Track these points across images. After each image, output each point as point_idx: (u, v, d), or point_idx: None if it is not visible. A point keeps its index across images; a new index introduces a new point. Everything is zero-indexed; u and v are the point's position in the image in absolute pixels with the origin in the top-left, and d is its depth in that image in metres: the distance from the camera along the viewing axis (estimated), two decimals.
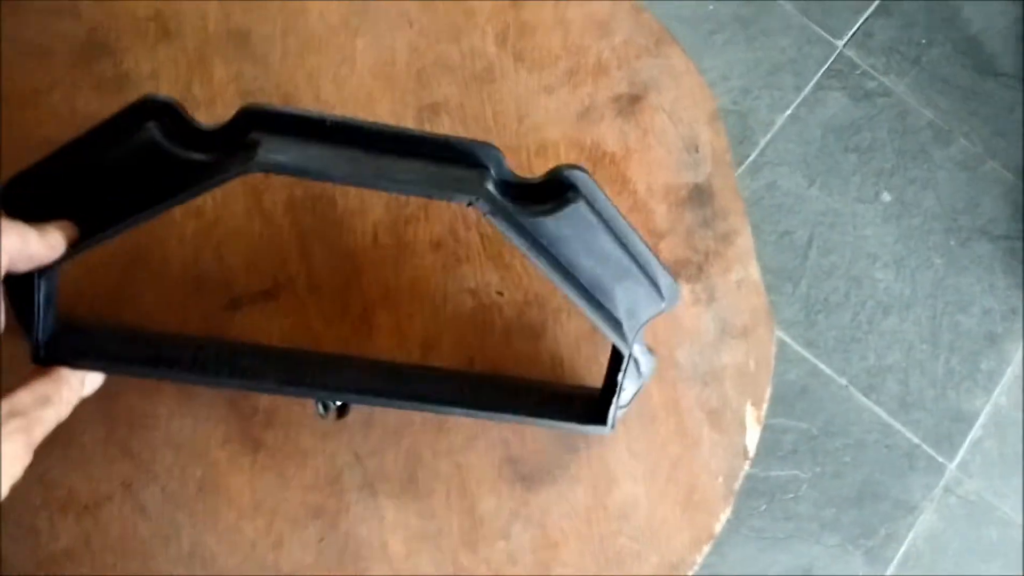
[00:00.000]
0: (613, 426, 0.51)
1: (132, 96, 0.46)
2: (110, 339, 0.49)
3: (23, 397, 0.41)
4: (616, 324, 0.48)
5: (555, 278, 0.45)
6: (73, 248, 0.44)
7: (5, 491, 0.39)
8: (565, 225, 0.45)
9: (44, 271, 0.44)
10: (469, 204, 0.42)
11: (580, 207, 0.44)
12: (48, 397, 0.43)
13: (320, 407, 0.52)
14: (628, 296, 0.48)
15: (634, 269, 0.48)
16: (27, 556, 0.49)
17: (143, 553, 0.50)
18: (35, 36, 0.59)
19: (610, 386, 0.50)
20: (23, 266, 0.42)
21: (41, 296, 0.44)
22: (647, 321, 0.50)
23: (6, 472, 0.39)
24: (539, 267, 0.44)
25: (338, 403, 0.52)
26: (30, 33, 0.59)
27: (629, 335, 0.49)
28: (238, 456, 0.52)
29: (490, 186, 0.43)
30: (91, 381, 0.46)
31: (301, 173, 0.41)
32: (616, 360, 0.50)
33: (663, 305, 0.50)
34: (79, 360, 0.45)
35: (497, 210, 0.43)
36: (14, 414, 0.40)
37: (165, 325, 0.54)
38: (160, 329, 0.53)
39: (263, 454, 0.52)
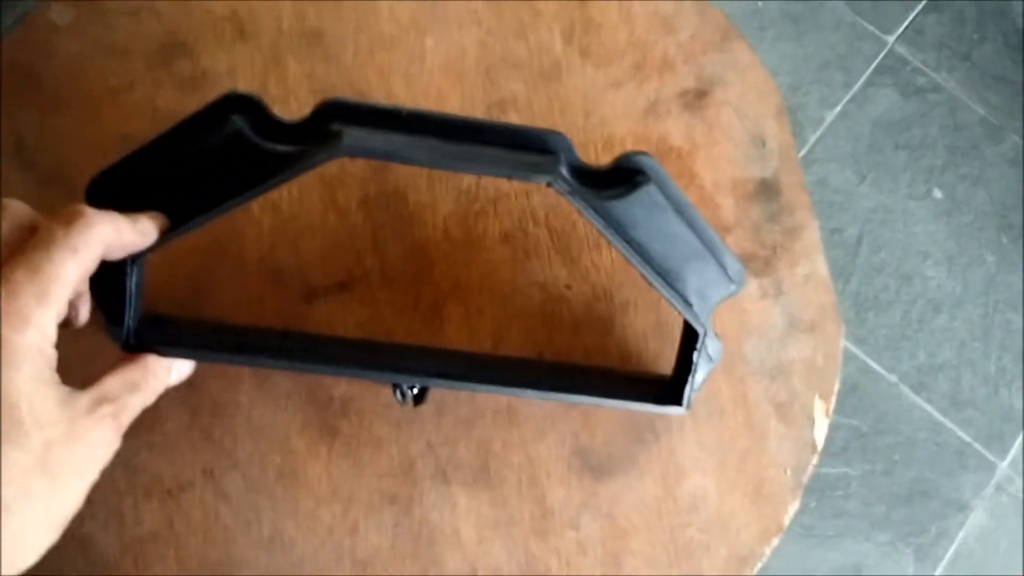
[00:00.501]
0: (689, 406, 0.51)
1: (211, 94, 0.48)
2: (194, 330, 0.50)
3: (111, 383, 0.42)
4: (688, 304, 0.49)
5: (631, 257, 0.46)
6: (164, 236, 0.45)
7: (95, 475, 0.40)
8: (635, 207, 0.46)
9: (135, 259, 0.45)
10: (548, 184, 0.43)
11: (650, 189, 0.46)
12: (136, 383, 0.44)
13: (398, 394, 0.53)
14: (698, 278, 0.49)
15: (703, 251, 0.49)
16: (112, 539, 0.51)
17: (225, 538, 0.51)
18: (115, 37, 0.60)
19: (684, 365, 0.51)
20: (116, 254, 0.44)
21: (132, 284, 0.46)
22: (718, 302, 0.51)
23: (96, 456, 0.40)
24: (615, 245, 0.45)
25: (415, 390, 0.53)
26: (110, 34, 0.60)
27: (701, 315, 0.50)
28: (315, 444, 0.53)
29: (564, 170, 0.44)
30: (177, 370, 0.47)
31: (387, 157, 0.43)
32: (690, 340, 0.50)
33: (732, 287, 0.51)
34: (167, 348, 0.47)
35: (574, 190, 0.44)
36: (103, 400, 0.41)
37: (243, 317, 0.55)
38: (239, 321, 0.54)
39: (339, 442, 0.53)
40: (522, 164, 0.44)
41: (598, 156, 0.61)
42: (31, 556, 0.37)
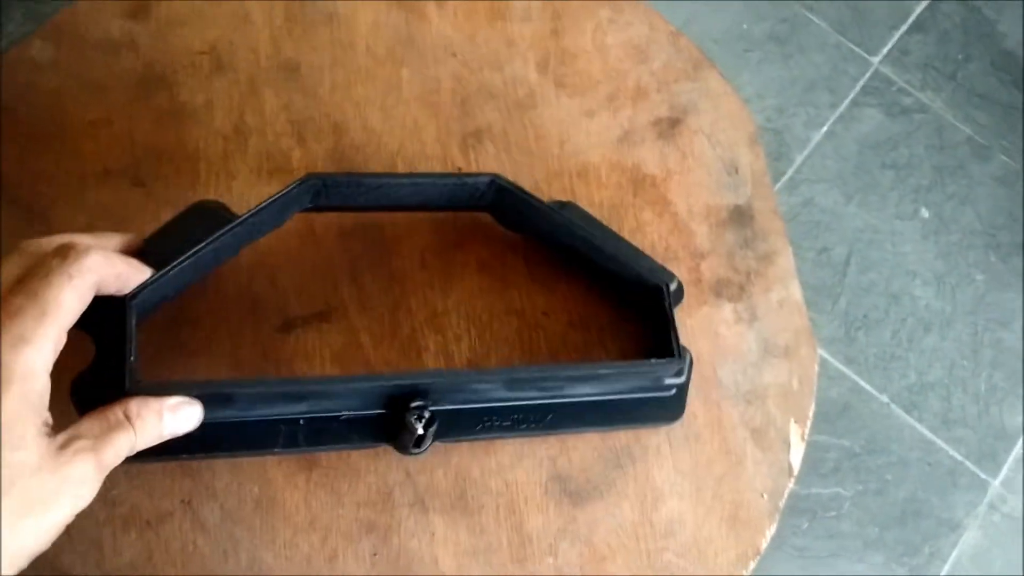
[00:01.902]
0: (679, 354, 0.54)
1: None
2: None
3: (89, 421, 0.42)
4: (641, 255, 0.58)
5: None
6: (155, 274, 0.47)
7: (67, 512, 0.39)
8: (569, 215, 0.57)
9: (133, 296, 0.46)
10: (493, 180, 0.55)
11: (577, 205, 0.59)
12: (118, 422, 0.43)
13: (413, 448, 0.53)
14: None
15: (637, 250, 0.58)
16: (92, 569, 0.51)
17: (203, 567, 0.51)
18: (94, 72, 0.61)
19: (663, 323, 0.55)
20: (111, 286, 0.44)
21: (132, 322, 0.47)
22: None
23: (70, 492, 0.39)
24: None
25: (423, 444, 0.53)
26: (89, 69, 0.61)
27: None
28: (293, 474, 0.53)
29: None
30: (185, 417, 0.46)
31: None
32: (656, 305, 0.56)
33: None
34: (166, 390, 0.47)
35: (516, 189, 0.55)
36: (80, 435, 0.41)
37: (222, 345, 0.55)
38: (227, 373, 0.55)
39: (317, 472, 0.53)
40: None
41: (573, 184, 0.62)
42: None
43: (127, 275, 0.45)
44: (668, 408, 0.56)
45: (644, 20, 0.68)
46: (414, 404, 0.51)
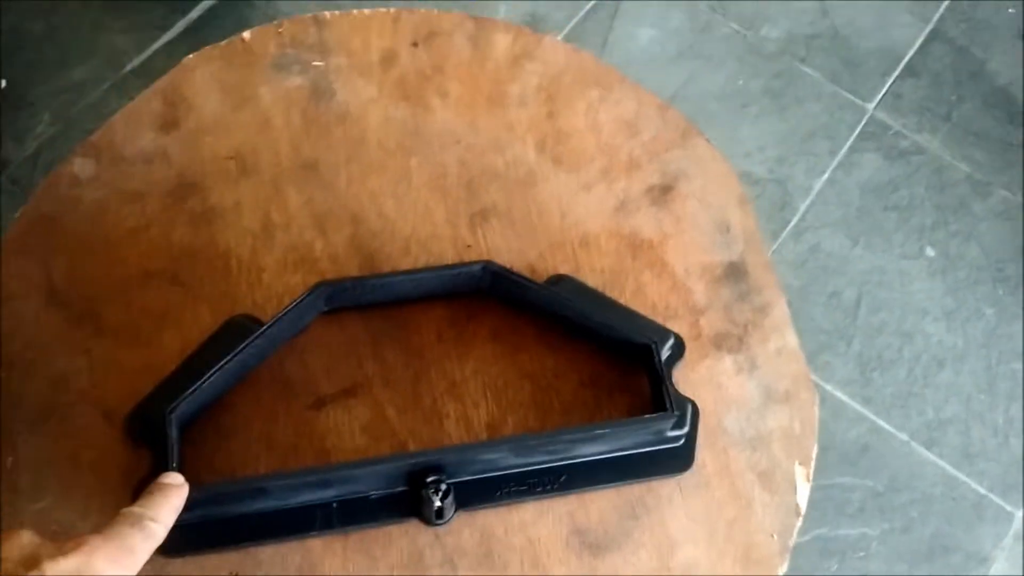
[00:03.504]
0: (672, 408, 0.58)
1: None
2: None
3: None
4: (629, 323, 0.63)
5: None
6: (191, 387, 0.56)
7: None
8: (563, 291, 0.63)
9: (172, 410, 0.55)
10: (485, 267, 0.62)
11: (573, 279, 0.65)
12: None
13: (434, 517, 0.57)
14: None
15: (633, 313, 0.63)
16: None
17: None
18: (132, 183, 0.67)
19: (657, 380, 0.59)
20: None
21: (172, 433, 0.55)
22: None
23: None
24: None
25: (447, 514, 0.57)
26: (127, 181, 0.67)
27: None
28: (330, 541, 0.57)
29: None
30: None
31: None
32: (648, 364, 0.60)
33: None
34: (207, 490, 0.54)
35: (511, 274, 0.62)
36: None
37: (256, 427, 0.60)
38: (263, 453, 0.59)
39: (352, 538, 0.57)
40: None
41: (576, 253, 0.67)
42: None
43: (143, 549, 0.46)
44: (677, 459, 0.60)
45: (633, 96, 0.73)
46: (430, 479, 0.56)
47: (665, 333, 0.62)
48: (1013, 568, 1.28)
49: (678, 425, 0.59)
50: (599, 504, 0.59)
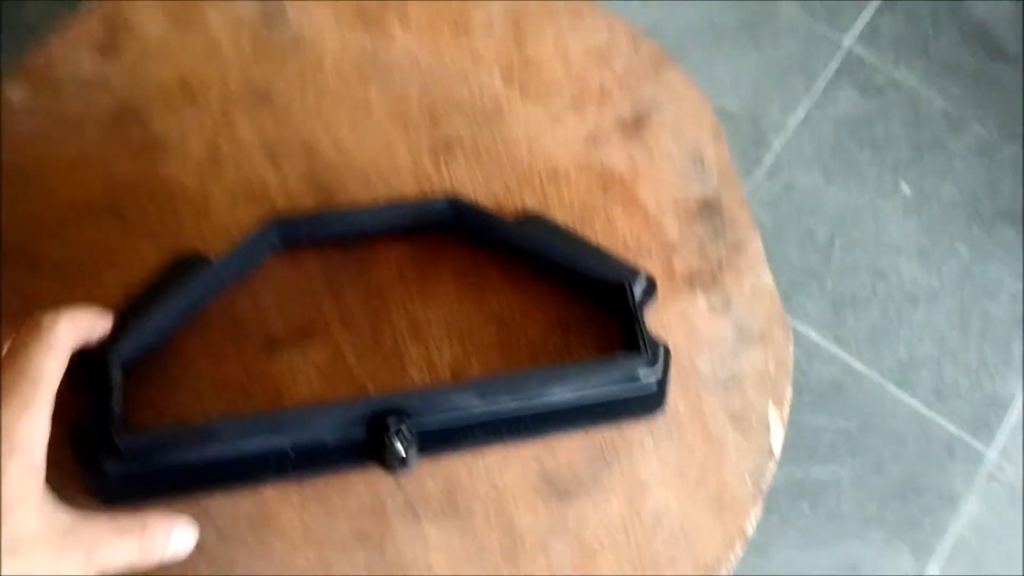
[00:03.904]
0: (646, 349, 0.56)
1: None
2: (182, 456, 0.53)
3: (100, 521, 0.44)
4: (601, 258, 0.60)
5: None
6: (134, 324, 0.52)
7: None
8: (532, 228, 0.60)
9: (113, 349, 0.51)
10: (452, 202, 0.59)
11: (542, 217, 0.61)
12: (127, 530, 0.45)
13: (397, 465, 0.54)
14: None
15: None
16: None
17: None
18: (68, 109, 0.63)
19: (629, 320, 0.57)
20: (87, 340, 0.49)
21: (114, 374, 0.50)
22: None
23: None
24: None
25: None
26: (63, 107, 0.63)
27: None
28: (286, 490, 0.54)
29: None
30: (179, 539, 0.48)
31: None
32: (623, 298, 0.57)
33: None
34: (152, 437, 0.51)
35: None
36: (85, 530, 0.43)
37: (205, 370, 0.57)
38: (212, 398, 0.56)
39: (309, 487, 0.55)
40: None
41: (544, 188, 0.63)
42: None
43: (96, 327, 0.50)
44: (648, 402, 0.57)
45: (604, 24, 0.69)
46: (392, 424, 0.53)
47: (637, 273, 0.59)
48: (985, 507, 1.28)
49: (650, 366, 0.56)
50: (568, 450, 0.57)
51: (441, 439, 0.55)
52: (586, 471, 0.57)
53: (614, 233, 0.62)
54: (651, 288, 0.60)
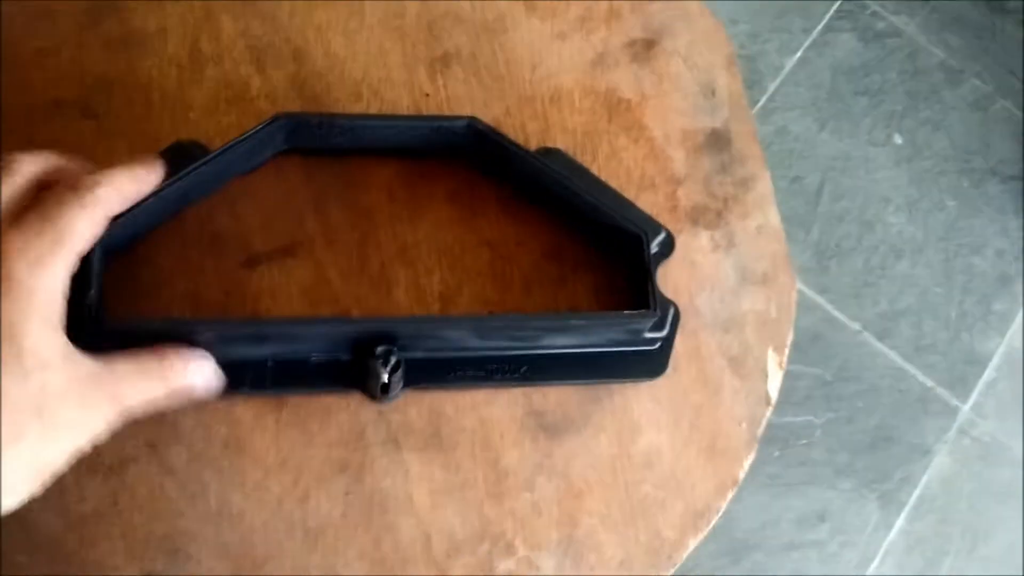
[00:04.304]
0: (655, 307, 0.53)
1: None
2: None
3: (121, 360, 0.42)
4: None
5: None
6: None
7: (85, 441, 0.40)
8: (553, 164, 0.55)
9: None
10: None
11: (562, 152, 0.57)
12: (147, 369, 0.44)
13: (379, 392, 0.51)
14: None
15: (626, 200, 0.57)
16: (55, 517, 0.50)
17: (171, 511, 0.50)
18: None
19: (642, 275, 0.53)
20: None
21: (96, 257, 0.46)
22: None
23: (90, 423, 0.40)
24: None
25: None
26: None
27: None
28: (262, 414, 0.52)
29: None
30: (202, 375, 0.46)
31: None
32: (635, 259, 0.54)
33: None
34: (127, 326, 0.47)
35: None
36: (109, 372, 0.41)
37: (181, 284, 0.53)
38: (188, 312, 0.52)
39: (286, 411, 0.52)
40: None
41: (546, 109, 0.60)
42: (9, 500, 0.38)
43: (144, 185, 0.47)
44: (649, 363, 0.55)
45: None
46: (379, 350, 0.50)
47: (658, 227, 0.56)
48: (955, 462, 1.29)
49: (658, 328, 0.53)
50: (558, 387, 0.54)
51: (427, 372, 0.52)
52: (576, 409, 0.54)
53: (618, 162, 0.59)
54: (668, 245, 0.57)
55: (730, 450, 0.55)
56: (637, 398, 0.55)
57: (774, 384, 0.57)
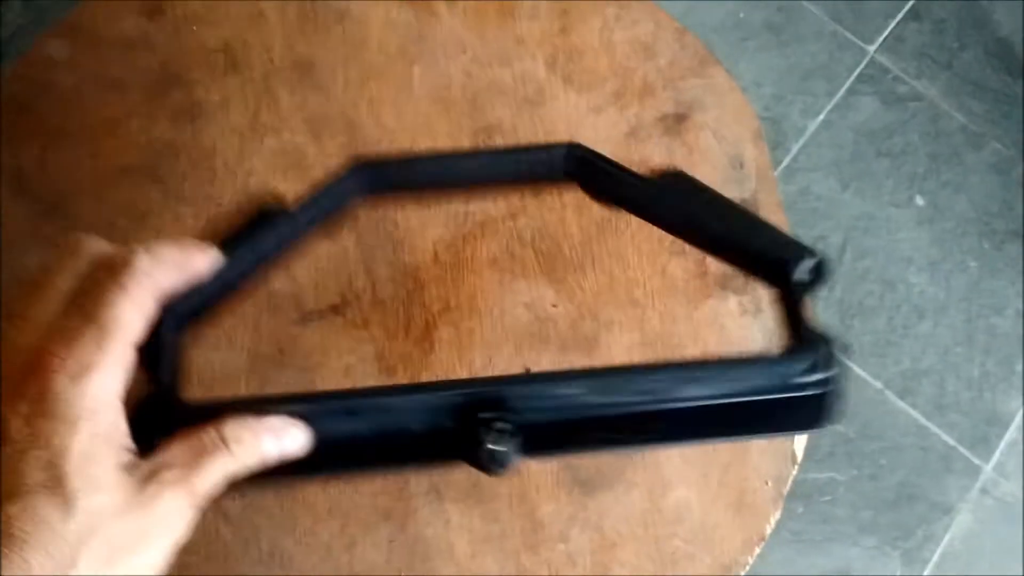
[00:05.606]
0: (804, 342, 0.43)
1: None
2: None
3: (174, 448, 0.36)
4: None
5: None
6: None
7: (166, 548, 0.36)
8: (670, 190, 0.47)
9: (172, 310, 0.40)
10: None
11: (681, 174, 0.47)
12: (204, 448, 0.36)
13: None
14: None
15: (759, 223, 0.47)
16: None
17: (225, 555, 0.53)
18: (111, 70, 0.62)
19: (789, 308, 0.44)
20: (179, 284, 0.39)
21: (166, 333, 0.40)
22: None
23: (166, 528, 0.35)
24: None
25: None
26: (106, 67, 0.62)
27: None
28: None
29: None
30: (275, 446, 0.38)
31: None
32: (780, 278, 0.45)
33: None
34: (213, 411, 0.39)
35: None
36: (165, 465, 0.35)
37: (240, 339, 0.57)
38: (245, 367, 0.54)
39: None
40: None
41: None
42: None
43: (196, 263, 0.39)
44: (807, 409, 0.43)
45: (650, 17, 0.69)
46: (483, 416, 0.42)
47: (803, 250, 0.46)
48: (977, 521, 1.29)
49: (812, 368, 0.43)
50: None
51: (546, 438, 0.44)
52: (610, 464, 0.57)
53: (650, 231, 0.62)
54: (820, 273, 0.46)
55: (757, 507, 0.57)
56: (667, 454, 0.57)
57: (799, 443, 0.59)
